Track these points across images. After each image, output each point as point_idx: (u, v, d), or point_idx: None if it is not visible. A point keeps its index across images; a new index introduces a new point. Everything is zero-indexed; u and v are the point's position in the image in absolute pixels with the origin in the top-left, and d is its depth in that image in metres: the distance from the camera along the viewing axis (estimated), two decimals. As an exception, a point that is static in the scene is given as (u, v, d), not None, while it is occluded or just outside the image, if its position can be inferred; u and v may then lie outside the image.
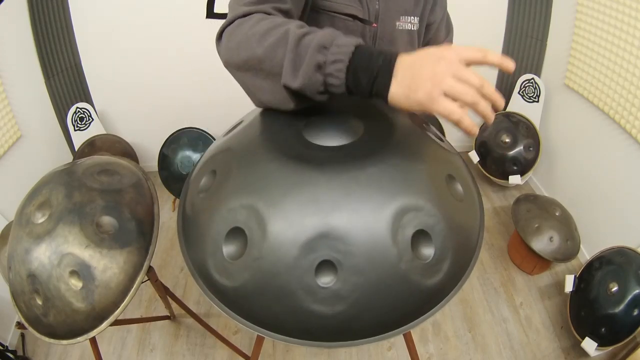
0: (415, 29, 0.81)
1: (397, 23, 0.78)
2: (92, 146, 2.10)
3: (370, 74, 0.48)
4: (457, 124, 0.45)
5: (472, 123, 0.46)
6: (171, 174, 2.08)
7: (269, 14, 0.57)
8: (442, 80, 0.44)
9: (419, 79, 0.45)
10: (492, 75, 2.25)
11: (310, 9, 0.69)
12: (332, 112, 0.65)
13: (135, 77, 2.12)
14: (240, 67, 0.56)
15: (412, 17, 0.79)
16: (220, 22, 0.59)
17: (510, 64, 0.48)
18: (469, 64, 0.47)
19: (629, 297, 1.29)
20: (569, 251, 1.64)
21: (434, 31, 0.87)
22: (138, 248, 0.79)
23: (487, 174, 2.20)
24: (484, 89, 0.45)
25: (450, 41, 0.89)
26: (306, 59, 0.49)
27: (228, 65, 0.58)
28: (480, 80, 0.45)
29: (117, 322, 0.81)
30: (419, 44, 0.85)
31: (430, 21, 0.85)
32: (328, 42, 0.48)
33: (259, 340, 0.96)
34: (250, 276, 0.48)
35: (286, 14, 0.59)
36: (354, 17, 0.71)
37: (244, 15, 0.56)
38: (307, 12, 0.69)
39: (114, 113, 2.26)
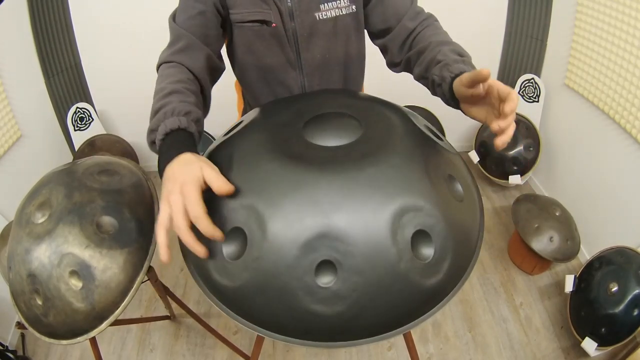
0: (348, 11, 0.79)
1: (317, 14, 0.77)
2: (92, 146, 2.10)
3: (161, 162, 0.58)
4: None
5: (162, 242, 0.50)
6: (171, 174, 2.08)
7: (177, 62, 0.74)
8: (165, 195, 0.51)
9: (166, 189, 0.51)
10: (492, 75, 2.25)
11: (230, 24, 0.80)
12: (332, 113, 0.65)
13: (136, 77, 2.12)
14: None
15: (339, 1, 0.77)
16: None
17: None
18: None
19: (629, 297, 1.29)
20: (569, 251, 1.64)
21: (386, 1, 0.79)
22: (138, 248, 0.79)
23: (487, 174, 2.20)
24: (196, 221, 0.48)
25: (416, 2, 0.82)
26: (147, 134, 0.63)
27: None
28: (194, 212, 0.48)
29: (117, 322, 0.81)
30: (359, 25, 0.82)
31: (387, 3, 0.79)
32: (153, 126, 0.61)
33: (259, 340, 0.96)
34: (250, 276, 0.48)
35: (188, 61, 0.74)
36: (259, 21, 0.77)
37: (159, 65, 0.76)
38: (228, 30, 0.82)
39: (114, 113, 2.26)
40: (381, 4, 0.80)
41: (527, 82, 2.12)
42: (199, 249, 0.49)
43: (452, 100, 0.65)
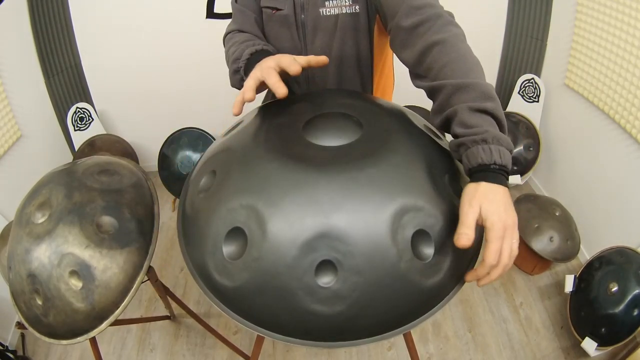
0: (349, 11, 0.80)
1: (321, 10, 0.81)
2: (92, 146, 2.10)
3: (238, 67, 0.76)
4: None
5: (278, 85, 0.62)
6: (171, 174, 2.08)
7: (239, 30, 0.87)
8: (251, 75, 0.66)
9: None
10: (492, 75, 2.25)
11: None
12: (332, 113, 0.65)
13: (136, 77, 2.12)
14: None
15: (342, 0, 0.79)
16: (220, 22, 0.84)
17: None
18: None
19: (629, 297, 1.28)
20: (569, 251, 1.64)
21: (405, 14, 0.69)
22: (138, 248, 0.79)
23: (487, 174, 2.20)
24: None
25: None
26: (230, 67, 0.80)
27: None
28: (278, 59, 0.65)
29: (117, 322, 0.81)
30: (362, 26, 0.82)
31: (384, 1, 0.73)
32: (238, 56, 0.75)
33: (259, 340, 0.96)
34: (250, 276, 0.48)
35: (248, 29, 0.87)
36: (272, 8, 0.85)
37: (226, 35, 0.89)
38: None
39: (114, 113, 2.26)
40: (384, 3, 0.75)
41: (527, 82, 2.12)
42: (281, 87, 0.61)
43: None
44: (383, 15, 0.77)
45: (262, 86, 0.65)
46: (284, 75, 0.65)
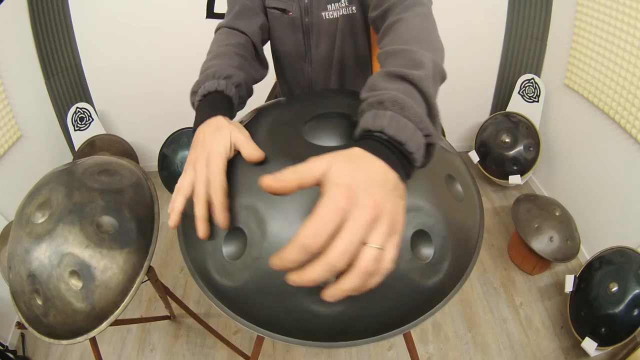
0: (346, 12, 0.79)
1: (324, 13, 0.80)
2: (92, 146, 2.10)
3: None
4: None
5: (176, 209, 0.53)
6: (171, 174, 2.08)
7: (230, 27, 0.78)
8: (191, 159, 0.53)
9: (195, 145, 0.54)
10: (492, 75, 2.25)
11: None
12: (332, 113, 0.65)
13: (136, 77, 2.12)
14: None
15: (340, 2, 0.79)
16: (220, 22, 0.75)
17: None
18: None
19: (629, 297, 1.29)
20: (569, 251, 1.65)
21: (375, 5, 0.67)
22: (138, 248, 0.79)
23: (487, 174, 2.20)
24: (213, 194, 0.48)
25: None
26: (190, 90, 0.66)
27: None
28: (211, 180, 0.49)
29: (117, 322, 0.81)
30: (358, 26, 0.81)
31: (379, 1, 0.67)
32: (194, 89, 0.65)
33: (259, 340, 0.96)
34: (250, 276, 0.48)
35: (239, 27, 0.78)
36: (279, 9, 0.82)
37: (217, 29, 0.79)
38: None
39: (114, 113, 2.26)
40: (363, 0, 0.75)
41: (527, 82, 2.12)
42: (202, 227, 0.49)
43: None
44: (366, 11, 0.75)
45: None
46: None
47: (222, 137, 0.52)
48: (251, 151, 0.51)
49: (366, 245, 0.33)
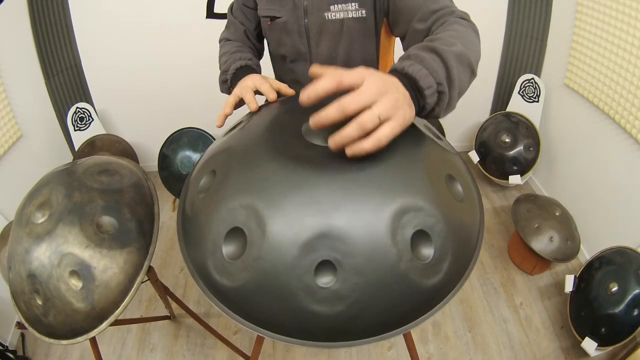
0: (355, 15, 0.79)
1: (327, 14, 0.81)
2: (92, 146, 2.10)
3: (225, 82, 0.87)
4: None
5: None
6: (171, 174, 2.08)
7: (228, 39, 0.97)
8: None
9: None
10: (492, 75, 2.25)
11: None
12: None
13: (136, 77, 2.12)
14: None
15: (347, 4, 0.78)
16: (220, 22, 0.89)
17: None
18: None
19: (629, 297, 1.29)
20: (569, 251, 1.65)
21: (398, 2, 0.73)
22: (138, 248, 0.79)
23: (487, 174, 2.20)
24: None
25: (432, 2, 0.73)
26: (219, 77, 0.88)
27: None
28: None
29: (117, 322, 0.81)
30: (368, 30, 0.82)
31: (399, 7, 0.73)
32: (226, 68, 0.85)
33: (259, 340, 0.96)
34: (250, 276, 0.48)
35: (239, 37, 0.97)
36: (270, 17, 0.88)
37: (220, 41, 0.98)
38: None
39: (114, 113, 2.26)
40: (397, 8, 0.75)
41: (527, 82, 2.12)
42: (253, 104, 0.68)
43: None
44: (394, 19, 0.77)
45: (241, 102, 0.73)
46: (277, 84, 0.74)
47: (252, 77, 0.73)
48: (285, 90, 0.70)
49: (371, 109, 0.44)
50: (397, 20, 0.76)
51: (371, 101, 0.44)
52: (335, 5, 0.79)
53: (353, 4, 0.78)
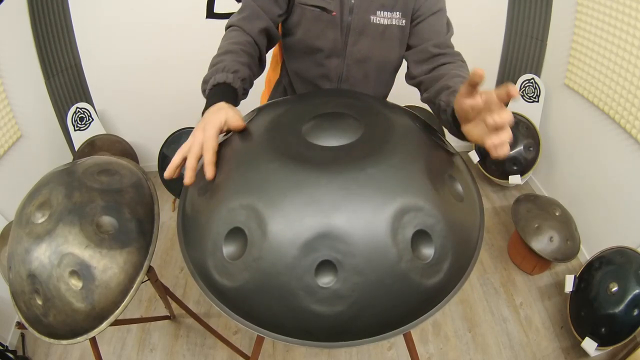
0: (398, 24, 0.87)
1: (372, 17, 0.85)
2: (92, 146, 2.10)
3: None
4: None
5: (174, 167, 0.62)
6: (171, 174, 2.08)
7: (239, 27, 0.85)
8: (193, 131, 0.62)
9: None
10: (492, 75, 2.25)
11: (294, 3, 0.87)
12: (332, 113, 0.65)
13: (136, 77, 2.12)
14: None
15: (393, 12, 0.85)
16: (220, 22, 0.82)
17: None
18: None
19: (629, 297, 1.29)
20: (569, 251, 1.65)
21: (425, 20, 0.87)
22: (138, 248, 0.79)
23: (487, 174, 2.20)
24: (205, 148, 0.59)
25: (449, 38, 0.89)
26: (202, 80, 0.79)
27: None
28: (204, 142, 0.60)
29: (117, 322, 0.81)
30: (403, 38, 0.90)
31: (415, 9, 0.87)
32: (206, 77, 0.77)
33: (259, 340, 0.96)
34: (250, 276, 0.48)
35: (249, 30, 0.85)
36: (321, 8, 0.85)
37: (227, 27, 0.87)
38: (291, 6, 0.87)
39: (114, 113, 2.26)
40: (423, 25, 0.88)
41: (527, 82, 2.12)
42: (190, 175, 0.59)
43: (455, 125, 0.63)
44: (413, 33, 0.89)
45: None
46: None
47: (219, 114, 0.62)
48: (238, 123, 0.63)
49: None
50: (416, 35, 0.88)
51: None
52: (382, 12, 0.85)
53: (398, 12, 0.86)
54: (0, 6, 1.73)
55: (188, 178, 0.59)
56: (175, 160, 0.62)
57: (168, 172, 0.61)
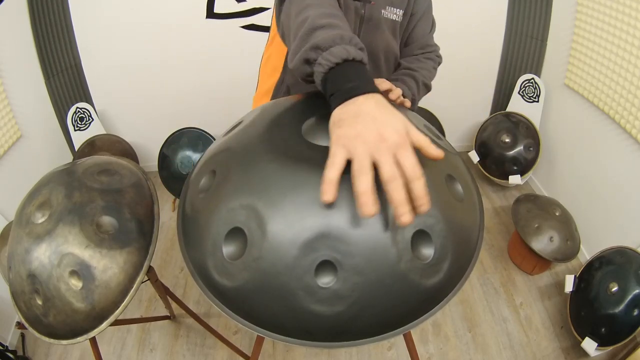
0: (398, 20, 0.92)
1: (383, 11, 0.90)
2: (92, 146, 2.10)
3: (334, 88, 0.50)
4: (357, 198, 0.41)
5: (372, 205, 0.41)
6: (171, 174, 2.08)
7: None
8: (381, 150, 0.41)
9: (364, 129, 0.43)
10: (492, 75, 2.25)
11: None
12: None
13: (136, 77, 2.12)
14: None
15: (397, 9, 0.91)
16: (220, 22, 0.73)
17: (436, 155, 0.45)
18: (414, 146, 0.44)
19: (629, 297, 1.29)
20: (569, 251, 1.65)
21: (416, 22, 0.96)
22: (138, 248, 0.79)
23: (487, 174, 2.20)
24: (414, 184, 0.41)
25: (432, 35, 1.00)
26: (301, 51, 0.54)
27: None
28: (416, 173, 0.41)
29: (117, 322, 0.81)
30: (401, 34, 0.96)
31: (413, 12, 0.94)
32: (325, 46, 0.51)
33: (259, 340, 0.96)
34: (250, 276, 0.48)
35: None
36: None
37: None
38: None
39: (114, 113, 2.26)
40: (414, 27, 0.96)
41: (527, 82, 2.12)
42: (405, 211, 0.41)
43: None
44: (406, 33, 0.97)
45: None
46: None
47: (400, 126, 0.43)
48: (435, 150, 0.45)
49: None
50: (408, 35, 0.98)
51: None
52: (391, 8, 0.90)
53: (400, 10, 0.91)
54: (0, 6, 1.73)
55: (374, 209, 0.41)
56: (331, 176, 0.42)
57: (330, 196, 0.43)
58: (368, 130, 0.42)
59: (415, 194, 0.41)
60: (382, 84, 0.74)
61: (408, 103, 0.79)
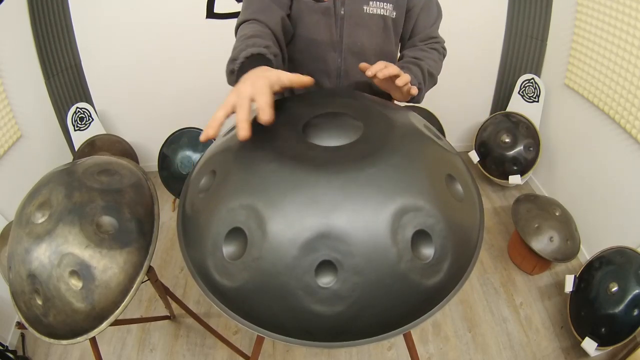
0: (389, 14, 0.89)
1: (365, 7, 0.87)
2: (92, 146, 2.10)
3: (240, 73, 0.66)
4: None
5: (246, 130, 0.53)
6: (171, 174, 2.08)
7: (255, 19, 0.82)
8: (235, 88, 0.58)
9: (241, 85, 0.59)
10: (492, 75, 2.25)
11: None
12: (332, 113, 0.65)
13: (136, 77, 2.12)
14: None
15: (384, 3, 0.87)
16: (220, 22, 0.78)
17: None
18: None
19: (629, 297, 1.29)
20: (569, 251, 1.65)
21: (417, 16, 0.93)
22: (138, 248, 0.79)
23: (487, 174, 2.20)
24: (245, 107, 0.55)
25: (437, 27, 0.97)
26: (226, 66, 0.73)
27: None
28: (259, 105, 0.56)
29: (117, 322, 0.81)
30: (396, 29, 0.94)
31: (409, 7, 0.91)
32: (233, 56, 0.71)
33: (259, 340, 0.96)
34: (250, 276, 0.48)
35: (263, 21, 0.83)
36: None
37: (238, 26, 0.84)
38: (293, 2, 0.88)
39: (114, 113, 2.26)
40: (414, 21, 0.94)
41: (527, 82, 2.12)
42: (245, 127, 0.52)
43: None
44: (406, 28, 0.95)
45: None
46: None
47: (269, 72, 0.59)
48: (296, 78, 0.60)
49: None
50: (407, 29, 0.95)
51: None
52: (373, 2, 0.86)
53: (390, 4, 0.88)
54: (0, 6, 1.73)
55: (244, 131, 0.52)
56: (218, 116, 0.53)
57: (211, 130, 0.52)
58: (243, 85, 0.57)
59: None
60: (391, 68, 0.69)
61: (415, 90, 0.77)
